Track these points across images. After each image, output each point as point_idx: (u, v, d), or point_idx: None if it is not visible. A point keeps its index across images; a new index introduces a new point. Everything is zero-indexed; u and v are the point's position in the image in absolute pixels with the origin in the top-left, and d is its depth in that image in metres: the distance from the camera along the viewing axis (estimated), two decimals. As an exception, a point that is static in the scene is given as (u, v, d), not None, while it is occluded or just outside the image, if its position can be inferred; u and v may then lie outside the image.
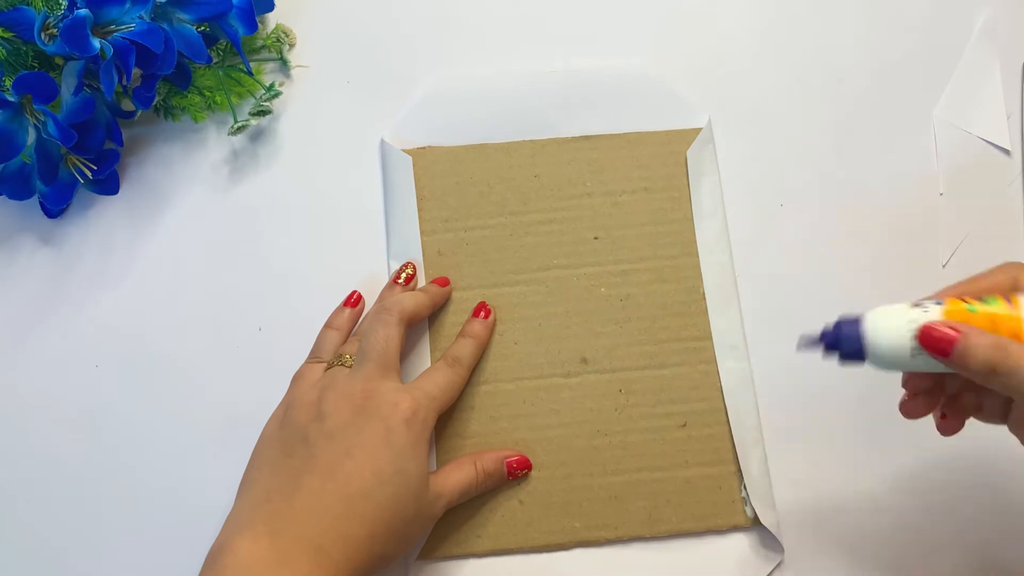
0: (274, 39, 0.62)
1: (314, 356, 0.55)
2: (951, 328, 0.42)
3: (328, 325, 0.56)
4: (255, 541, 0.45)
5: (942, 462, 0.56)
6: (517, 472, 0.55)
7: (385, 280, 0.58)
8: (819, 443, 0.56)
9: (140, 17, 0.54)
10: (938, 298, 0.44)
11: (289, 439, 0.49)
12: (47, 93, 0.53)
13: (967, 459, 0.56)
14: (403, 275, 0.57)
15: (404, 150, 0.60)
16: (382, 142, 0.61)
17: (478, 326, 0.56)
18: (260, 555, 0.44)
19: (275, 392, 0.56)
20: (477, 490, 0.53)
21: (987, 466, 0.56)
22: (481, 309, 0.57)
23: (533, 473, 0.55)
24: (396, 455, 0.48)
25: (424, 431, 0.50)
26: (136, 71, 0.56)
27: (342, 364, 0.52)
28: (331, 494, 0.46)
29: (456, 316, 0.57)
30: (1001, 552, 0.55)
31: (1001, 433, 0.47)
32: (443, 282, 0.57)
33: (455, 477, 0.52)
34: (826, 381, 0.57)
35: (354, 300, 0.57)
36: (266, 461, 0.49)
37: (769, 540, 0.54)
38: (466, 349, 0.55)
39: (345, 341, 0.56)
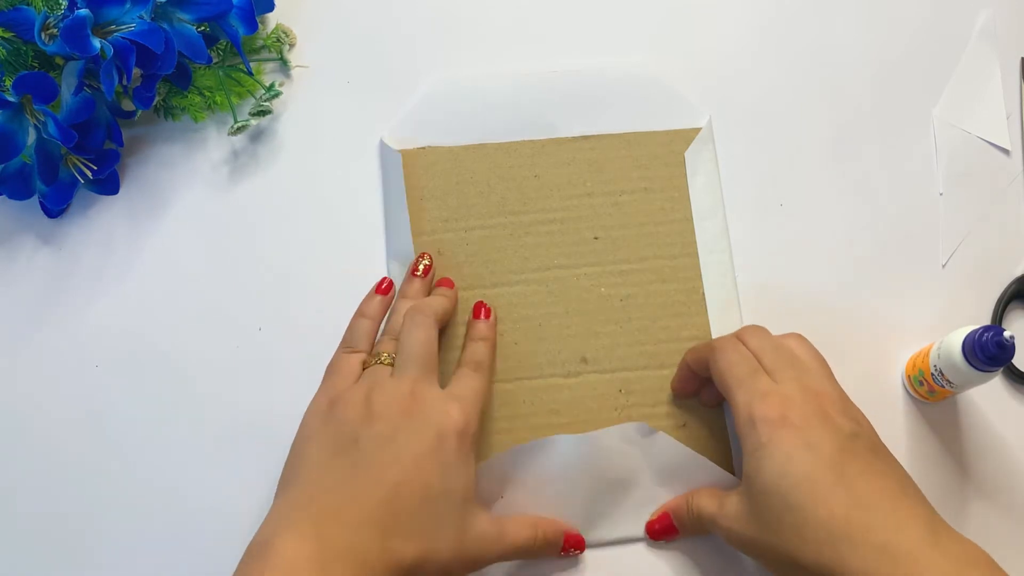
0: (274, 39, 0.62)
1: (347, 345, 0.54)
2: (661, 517, 0.53)
3: (360, 313, 0.56)
4: (301, 542, 0.43)
5: (936, 460, 0.56)
6: (570, 550, 0.53)
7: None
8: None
9: (140, 17, 0.54)
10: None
11: (338, 437, 0.48)
12: (47, 93, 0.53)
13: (967, 439, 0.56)
14: (421, 266, 0.57)
15: (404, 150, 0.60)
16: (380, 142, 0.61)
17: (483, 327, 0.56)
18: (304, 560, 0.43)
19: (275, 392, 0.56)
20: (532, 553, 0.52)
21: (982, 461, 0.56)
22: (480, 309, 0.57)
23: (533, 473, 0.55)
24: (445, 470, 0.47)
25: (474, 444, 0.49)
26: (136, 71, 0.56)
27: (380, 363, 0.52)
28: (380, 505, 0.45)
29: (459, 316, 0.57)
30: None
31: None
32: (449, 283, 0.57)
33: (516, 531, 0.51)
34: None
35: (385, 287, 0.57)
36: (313, 459, 0.48)
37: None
38: (483, 352, 0.55)
39: (377, 329, 0.55)
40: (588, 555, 0.54)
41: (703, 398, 0.56)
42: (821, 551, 0.43)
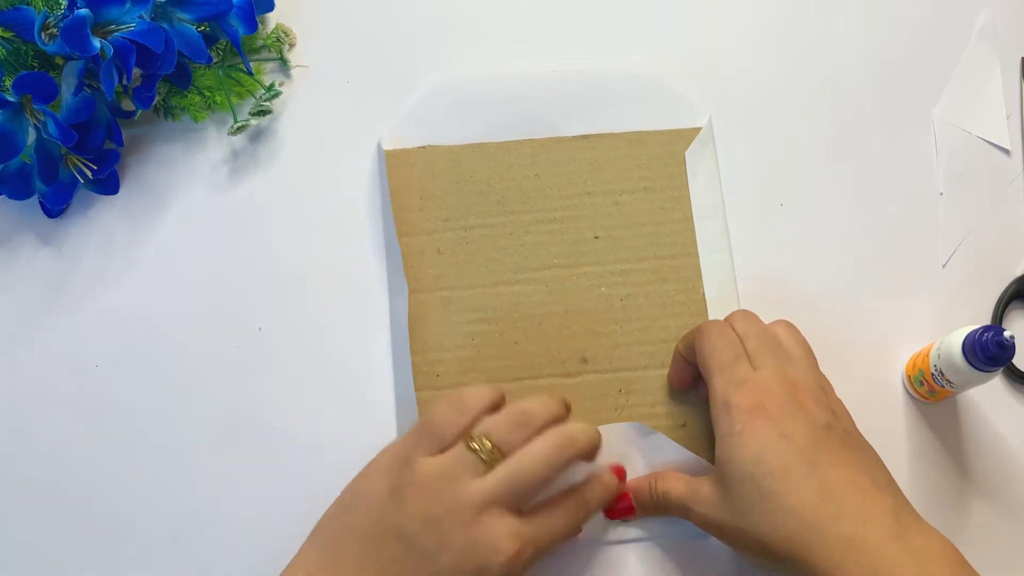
0: (274, 39, 0.62)
1: (459, 403, 0.50)
2: (622, 496, 0.53)
3: (493, 387, 0.51)
4: None
5: (936, 460, 0.56)
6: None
7: (382, 281, 0.59)
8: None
9: (140, 17, 0.54)
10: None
11: (388, 521, 0.47)
12: (47, 93, 0.53)
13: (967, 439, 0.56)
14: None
15: (394, 150, 0.60)
16: (378, 144, 0.61)
17: (614, 484, 0.53)
18: None
19: (275, 392, 0.56)
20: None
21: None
22: (621, 470, 0.54)
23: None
24: None
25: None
26: (136, 71, 0.56)
27: (477, 452, 0.47)
28: None
29: (459, 316, 0.57)
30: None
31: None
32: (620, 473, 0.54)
33: None
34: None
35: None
36: (356, 531, 0.47)
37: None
38: (597, 502, 0.51)
39: (497, 408, 0.50)
40: (588, 555, 0.54)
41: (701, 393, 0.55)
42: (791, 539, 0.44)
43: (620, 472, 0.54)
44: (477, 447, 0.47)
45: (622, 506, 0.53)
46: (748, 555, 0.48)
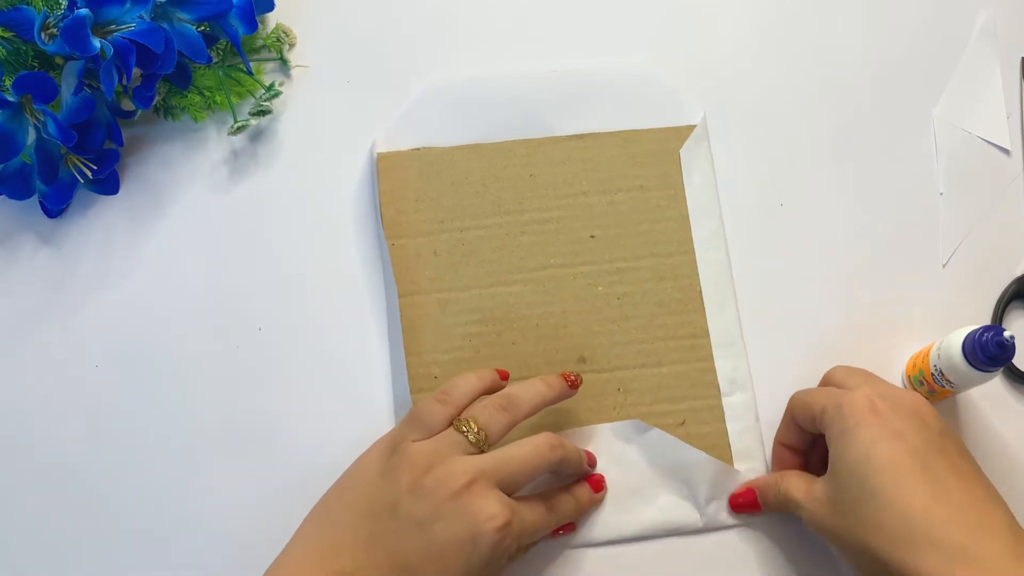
0: (274, 39, 0.62)
1: (444, 395, 0.51)
2: (746, 492, 0.53)
3: (477, 375, 0.53)
4: None
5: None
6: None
7: (382, 281, 0.59)
8: (818, 443, 0.56)
9: (140, 17, 0.54)
10: None
11: (381, 497, 0.48)
12: (47, 93, 0.53)
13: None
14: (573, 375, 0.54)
15: (398, 152, 0.60)
16: (371, 146, 0.61)
17: (590, 498, 0.54)
18: None
19: (274, 392, 0.56)
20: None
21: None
22: (601, 483, 0.55)
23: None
24: (468, 572, 0.46)
25: (504, 558, 0.47)
26: (136, 71, 0.56)
27: (465, 435, 0.49)
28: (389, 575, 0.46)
29: (456, 317, 0.57)
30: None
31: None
32: (504, 375, 0.55)
33: None
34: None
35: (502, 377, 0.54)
36: (351, 509, 0.48)
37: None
38: (573, 513, 0.53)
39: (482, 396, 0.52)
40: (587, 554, 0.54)
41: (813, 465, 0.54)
42: (896, 546, 0.42)
43: (598, 484, 0.54)
44: (465, 430, 0.49)
45: (746, 500, 0.53)
46: (856, 562, 0.46)
